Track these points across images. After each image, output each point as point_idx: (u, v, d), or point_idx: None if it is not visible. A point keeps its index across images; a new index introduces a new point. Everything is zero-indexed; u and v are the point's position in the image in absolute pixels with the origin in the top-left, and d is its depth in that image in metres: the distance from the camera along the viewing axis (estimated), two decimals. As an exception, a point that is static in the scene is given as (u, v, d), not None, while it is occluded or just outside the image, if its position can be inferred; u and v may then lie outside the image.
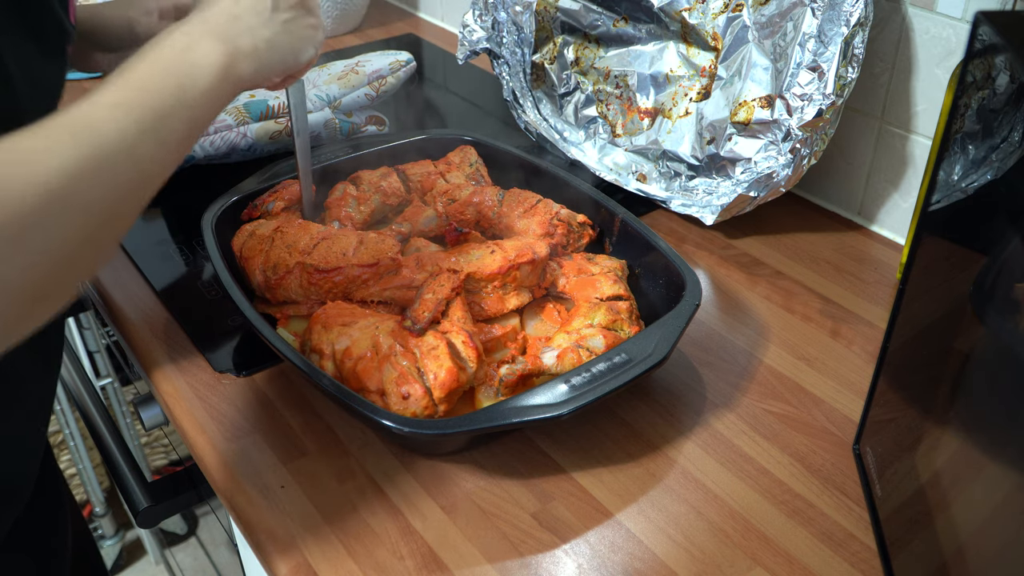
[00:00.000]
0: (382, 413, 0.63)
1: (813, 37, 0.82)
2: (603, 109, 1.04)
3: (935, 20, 0.83)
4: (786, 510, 0.64)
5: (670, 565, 0.60)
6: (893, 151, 0.91)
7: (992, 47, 0.48)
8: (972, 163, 0.52)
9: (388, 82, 1.10)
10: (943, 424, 0.54)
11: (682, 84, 0.97)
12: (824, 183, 0.98)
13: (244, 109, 1.01)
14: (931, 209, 0.56)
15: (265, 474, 0.67)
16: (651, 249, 0.79)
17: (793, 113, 0.83)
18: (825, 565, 0.60)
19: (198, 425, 0.71)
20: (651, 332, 0.68)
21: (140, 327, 0.81)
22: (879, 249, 0.92)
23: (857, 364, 0.77)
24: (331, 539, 0.62)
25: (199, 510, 1.26)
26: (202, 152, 0.99)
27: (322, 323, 0.71)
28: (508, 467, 0.68)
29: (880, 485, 0.62)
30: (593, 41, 1.04)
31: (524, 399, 0.62)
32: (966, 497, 0.50)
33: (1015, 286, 0.45)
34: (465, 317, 0.71)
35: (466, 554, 0.61)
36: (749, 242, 0.93)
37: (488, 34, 1.07)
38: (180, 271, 0.88)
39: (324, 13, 1.40)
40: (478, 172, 0.92)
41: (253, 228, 0.80)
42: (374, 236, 0.77)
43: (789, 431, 0.71)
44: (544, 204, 0.84)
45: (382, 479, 0.67)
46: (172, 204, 1.00)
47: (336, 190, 0.87)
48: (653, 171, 0.98)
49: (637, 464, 0.68)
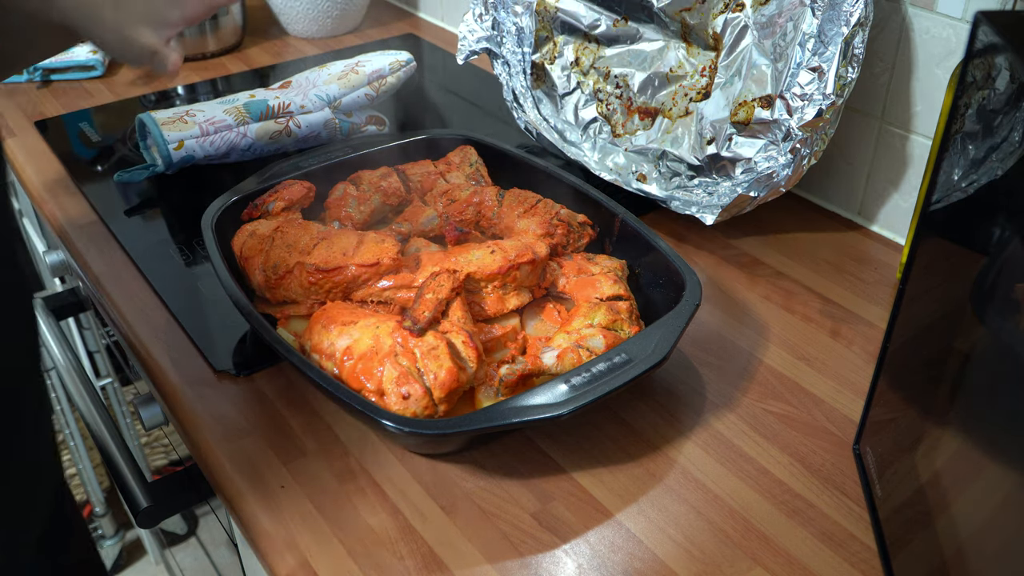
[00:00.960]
0: (382, 413, 0.63)
1: (813, 37, 0.82)
2: (603, 109, 1.04)
3: (935, 20, 0.83)
4: (786, 510, 0.64)
5: (670, 565, 0.61)
6: (893, 151, 0.91)
7: (992, 47, 0.48)
8: (972, 163, 0.52)
9: (388, 82, 1.10)
10: (943, 424, 0.54)
11: (682, 84, 0.97)
12: (824, 183, 0.98)
13: (244, 109, 1.01)
14: (931, 209, 0.56)
15: (265, 474, 0.67)
16: (651, 249, 0.79)
17: (793, 113, 0.83)
18: (825, 565, 0.60)
19: (198, 425, 0.71)
20: (651, 332, 0.68)
21: (140, 327, 0.81)
22: (879, 249, 0.92)
23: (857, 364, 0.77)
24: (331, 539, 0.62)
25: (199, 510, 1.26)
26: (202, 152, 0.99)
27: (322, 323, 0.71)
28: (508, 467, 0.68)
29: (880, 485, 0.62)
30: (593, 41, 1.04)
31: (524, 399, 0.62)
32: (966, 497, 0.50)
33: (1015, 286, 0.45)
34: (465, 317, 0.71)
35: (466, 554, 0.61)
36: (749, 242, 0.93)
37: (488, 34, 1.07)
38: (180, 271, 0.88)
39: (324, 13, 1.40)
40: (478, 172, 0.92)
41: (253, 228, 0.80)
42: (374, 236, 0.77)
43: (789, 431, 0.71)
44: (544, 204, 0.84)
45: (382, 479, 0.67)
46: (172, 204, 1.00)
47: (336, 190, 0.87)
48: (653, 171, 0.98)
49: (637, 464, 0.68)
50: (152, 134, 0.98)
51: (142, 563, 1.74)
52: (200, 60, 1.36)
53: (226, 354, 0.78)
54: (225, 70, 1.33)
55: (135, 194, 1.01)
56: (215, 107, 1.02)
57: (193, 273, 0.88)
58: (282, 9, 1.42)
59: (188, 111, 1.00)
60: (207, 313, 0.83)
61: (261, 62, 1.36)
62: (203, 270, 0.88)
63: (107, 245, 0.92)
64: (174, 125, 0.98)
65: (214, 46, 1.36)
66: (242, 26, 1.40)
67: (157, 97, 1.25)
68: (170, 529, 1.52)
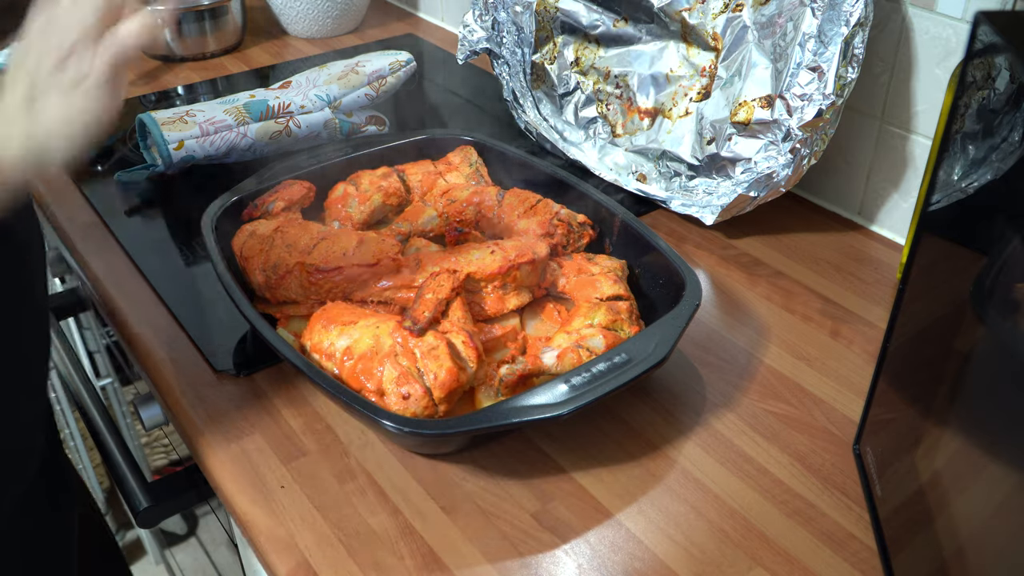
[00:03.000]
0: (382, 413, 0.63)
1: (813, 37, 0.82)
2: (603, 109, 1.04)
3: (935, 20, 0.83)
4: (786, 510, 0.64)
5: (670, 565, 0.60)
6: (893, 151, 0.91)
7: (992, 47, 0.48)
8: (972, 163, 0.52)
9: (388, 82, 1.10)
10: (943, 424, 0.54)
11: (682, 84, 0.97)
12: (824, 183, 0.98)
13: (244, 109, 1.01)
14: (931, 209, 0.56)
15: (265, 474, 0.67)
16: (651, 249, 0.79)
17: (793, 113, 0.83)
18: (825, 565, 0.60)
19: (198, 425, 0.71)
20: (651, 332, 0.68)
21: (140, 327, 0.81)
22: (879, 249, 0.92)
23: (857, 364, 0.77)
24: (331, 539, 0.62)
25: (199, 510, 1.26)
26: (202, 152, 0.99)
27: (322, 323, 0.71)
28: (508, 467, 0.68)
29: (880, 485, 0.62)
30: (593, 41, 1.04)
31: (524, 399, 0.62)
32: (966, 497, 0.50)
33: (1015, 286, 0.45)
34: (465, 317, 0.71)
35: (466, 554, 0.61)
36: (749, 242, 0.93)
37: (488, 34, 1.07)
38: (180, 271, 0.88)
39: (324, 13, 1.40)
40: (478, 172, 0.92)
41: (253, 228, 0.80)
42: (374, 236, 0.77)
43: (789, 431, 0.71)
44: (544, 204, 0.84)
45: (382, 479, 0.67)
46: (172, 204, 1.00)
47: (336, 190, 0.87)
48: (653, 171, 0.98)
49: (637, 464, 0.68)
50: (152, 134, 0.98)
51: (142, 563, 1.74)
52: (200, 60, 1.36)
53: (226, 354, 0.78)
54: (225, 70, 1.33)
55: (135, 194, 1.01)
56: (215, 107, 1.02)
57: (193, 273, 0.88)
58: (282, 9, 1.42)
59: (188, 111, 1.00)
60: (207, 313, 0.83)
61: (261, 62, 1.36)
62: (203, 270, 0.88)
63: (107, 245, 0.92)
64: (174, 125, 0.98)
65: (214, 46, 1.36)
66: (242, 26, 1.40)
67: (157, 97, 1.25)
68: (170, 529, 1.52)
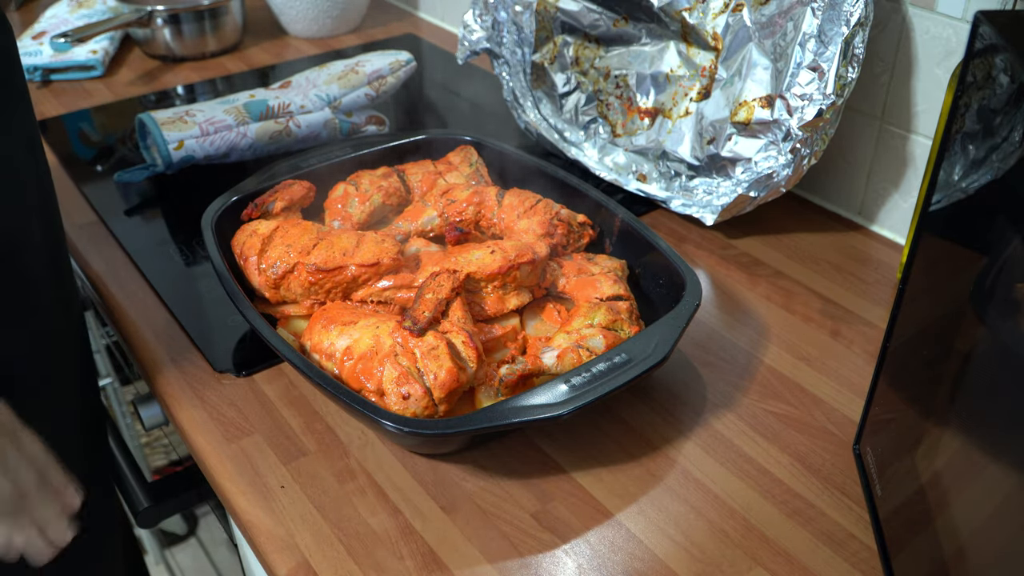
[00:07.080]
0: (382, 413, 0.63)
1: (813, 37, 0.82)
2: (603, 109, 1.04)
3: (935, 20, 0.83)
4: (786, 510, 0.64)
5: (670, 565, 0.61)
6: (893, 151, 0.91)
7: (992, 47, 0.48)
8: (972, 163, 0.52)
9: (388, 82, 1.10)
10: (943, 424, 0.54)
11: (682, 84, 0.97)
12: (824, 183, 0.98)
13: (244, 109, 1.01)
14: (931, 209, 0.56)
15: (265, 474, 0.67)
16: (651, 249, 0.79)
17: (793, 113, 0.83)
18: (825, 565, 0.60)
19: (198, 425, 0.71)
20: (651, 332, 0.68)
21: (140, 327, 0.81)
22: (879, 249, 0.92)
23: (857, 364, 0.77)
24: (331, 539, 0.62)
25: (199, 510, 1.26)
26: (202, 152, 0.99)
27: (322, 323, 0.71)
28: (508, 467, 0.68)
29: (880, 485, 0.62)
30: (593, 41, 1.04)
31: (524, 399, 0.62)
32: (966, 497, 0.50)
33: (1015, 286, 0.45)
34: (465, 317, 0.71)
35: (466, 554, 0.61)
36: (749, 242, 0.93)
37: (488, 34, 1.07)
38: (180, 271, 0.88)
39: (324, 13, 1.40)
40: (478, 172, 0.92)
41: (253, 228, 0.80)
42: (374, 236, 0.77)
43: (789, 431, 0.71)
44: (544, 204, 0.84)
45: (382, 479, 0.67)
46: (172, 204, 1.00)
47: (336, 190, 0.87)
48: (653, 171, 0.98)
49: (637, 464, 0.68)
50: (152, 134, 0.98)
51: (142, 563, 1.74)
52: (200, 60, 1.36)
53: (226, 354, 0.78)
54: (225, 70, 1.33)
55: (135, 194, 1.01)
56: (215, 107, 1.02)
57: (193, 273, 0.88)
58: (282, 9, 1.42)
59: (188, 111, 1.00)
60: (207, 313, 0.83)
61: (261, 62, 1.36)
62: (203, 270, 0.88)
63: (107, 245, 0.92)
64: (174, 125, 0.98)
65: (214, 46, 1.36)
66: (242, 26, 1.40)
67: (157, 97, 1.25)
68: (170, 529, 1.52)
